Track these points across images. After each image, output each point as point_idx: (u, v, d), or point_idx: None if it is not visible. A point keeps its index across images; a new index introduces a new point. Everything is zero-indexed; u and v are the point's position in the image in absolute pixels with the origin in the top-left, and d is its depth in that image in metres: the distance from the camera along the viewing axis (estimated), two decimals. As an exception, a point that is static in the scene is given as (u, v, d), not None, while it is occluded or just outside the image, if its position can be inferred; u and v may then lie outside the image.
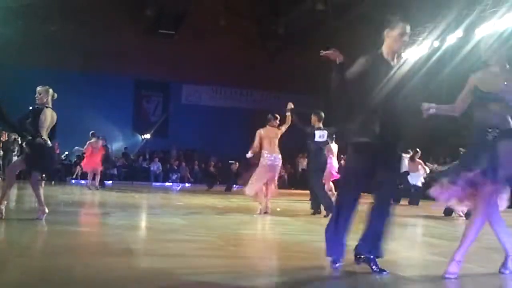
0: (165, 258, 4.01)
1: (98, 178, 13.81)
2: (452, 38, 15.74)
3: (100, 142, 14.06)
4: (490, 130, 3.52)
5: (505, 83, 3.58)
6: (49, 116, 6.03)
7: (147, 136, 23.83)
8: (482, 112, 3.61)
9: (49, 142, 6.03)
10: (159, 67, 21.66)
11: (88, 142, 13.76)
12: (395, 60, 3.77)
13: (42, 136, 5.89)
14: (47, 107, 6.06)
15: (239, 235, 5.79)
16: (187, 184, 21.36)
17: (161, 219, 7.15)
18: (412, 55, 17.98)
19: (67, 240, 4.77)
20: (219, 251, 4.54)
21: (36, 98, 6.06)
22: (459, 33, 15.38)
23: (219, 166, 21.25)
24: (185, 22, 20.38)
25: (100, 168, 13.88)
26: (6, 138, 17.03)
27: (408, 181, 13.65)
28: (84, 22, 19.05)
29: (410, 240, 6.46)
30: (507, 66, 3.70)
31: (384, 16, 3.92)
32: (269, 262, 4.22)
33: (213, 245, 4.84)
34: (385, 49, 3.77)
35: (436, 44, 16.51)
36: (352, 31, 17.12)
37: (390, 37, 3.74)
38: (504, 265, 3.74)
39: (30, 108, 6.17)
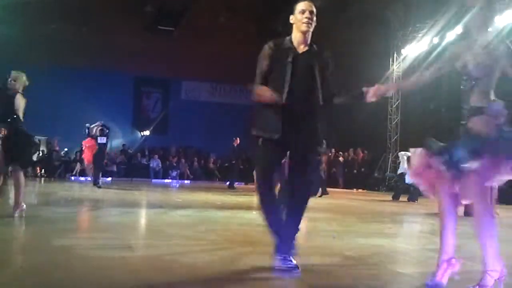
0: (164, 255, 4.01)
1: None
2: (451, 35, 15.74)
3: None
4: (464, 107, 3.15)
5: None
6: (23, 102, 5.82)
7: (147, 132, 23.84)
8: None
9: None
10: (158, 63, 21.65)
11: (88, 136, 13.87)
12: (303, 46, 3.47)
13: (21, 122, 5.77)
14: (19, 93, 5.85)
15: (239, 231, 5.79)
16: (186, 181, 21.37)
17: (161, 215, 7.15)
18: (412, 51, 18.03)
19: (66, 237, 4.77)
20: (219, 247, 4.54)
21: (9, 84, 5.85)
22: (458, 29, 15.38)
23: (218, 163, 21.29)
24: (184, 18, 20.32)
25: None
26: None
27: (405, 180, 13.71)
28: (83, 19, 19.00)
29: (409, 236, 6.46)
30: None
31: (384, 13, 3.81)
32: (270, 259, 4.21)
33: (213, 242, 4.84)
34: (293, 36, 3.49)
35: (436, 40, 16.51)
36: (351, 28, 17.09)
37: (294, 20, 3.47)
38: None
39: None
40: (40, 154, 19.07)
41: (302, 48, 3.46)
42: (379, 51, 18.37)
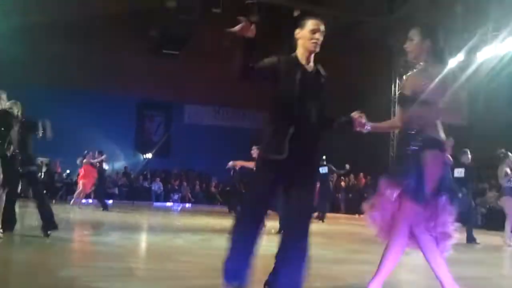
0: (165, 279, 3.98)
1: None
2: (453, 62, 15.82)
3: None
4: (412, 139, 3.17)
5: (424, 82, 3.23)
6: None
7: (149, 155, 23.84)
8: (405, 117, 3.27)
9: None
10: (162, 87, 21.75)
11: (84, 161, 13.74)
12: (311, 64, 3.37)
13: None
14: None
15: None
16: (187, 205, 21.28)
17: (161, 239, 7.12)
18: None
19: (67, 259, 4.74)
20: (219, 272, 4.50)
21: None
22: (460, 56, 15.48)
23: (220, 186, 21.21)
24: (189, 42, 20.54)
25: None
26: None
27: None
28: (88, 41, 19.20)
29: (410, 263, 6.39)
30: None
31: (385, 40, 3.79)
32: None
33: (213, 266, 4.79)
34: (299, 52, 3.37)
35: (438, 67, 16.60)
36: (356, 55, 17.24)
37: (301, 37, 3.34)
38: None
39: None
40: (43, 176, 19.04)
41: (309, 67, 3.36)
42: (381, 76, 18.48)
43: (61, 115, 19.88)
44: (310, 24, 3.32)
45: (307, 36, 3.30)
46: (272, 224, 9.04)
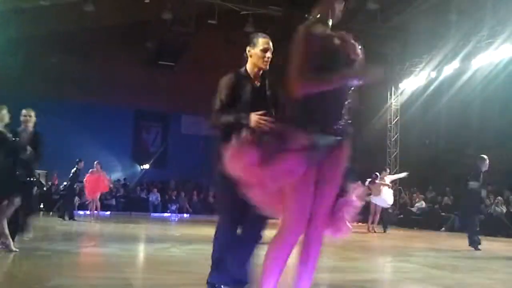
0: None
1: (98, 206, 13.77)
2: (449, 69, 15.95)
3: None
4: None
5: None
6: None
7: (146, 166, 23.83)
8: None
9: None
10: (158, 98, 21.79)
11: (90, 171, 13.70)
12: (258, 80, 3.58)
13: None
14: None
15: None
16: (185, 215, 21.23)
17: (161, 251, 7.10)
18: (410, 85, 18.22)
19: (65, 272, 4.73)
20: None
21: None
22: (455, 64, 15.60)
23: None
24: (185, 53, 20.61)
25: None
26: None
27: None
28: (84, 53, 19.26)
29: (410, 271, 6.39)
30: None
31: (382, 48, 3.77)
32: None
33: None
34: (249, 68, 3.59)
35: (433, 74, 16.70)
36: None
37: (253, 55, 3.55)
38: None
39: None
40: (45, 189, 18.94)
41: (257, 82, 3.57)
42: (377, 85, 18.56)
43: (58, 127, 19.93)
44: (261, 43, 3.53)
45: (259, 55, 3.52)
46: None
